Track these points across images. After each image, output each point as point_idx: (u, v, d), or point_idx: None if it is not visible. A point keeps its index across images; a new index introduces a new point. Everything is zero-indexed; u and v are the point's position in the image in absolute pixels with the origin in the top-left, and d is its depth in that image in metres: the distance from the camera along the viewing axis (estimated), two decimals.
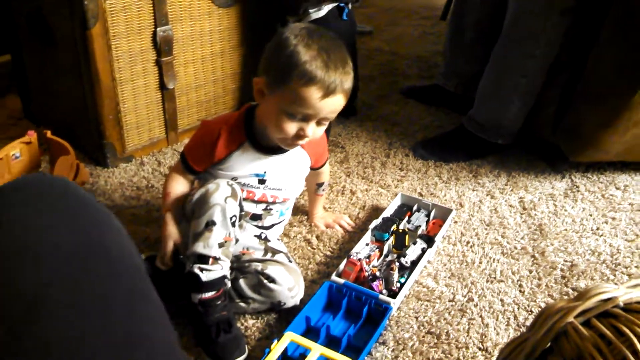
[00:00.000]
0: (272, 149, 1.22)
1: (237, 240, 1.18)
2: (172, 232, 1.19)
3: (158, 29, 1.60)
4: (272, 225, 1.30)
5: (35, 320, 0.51)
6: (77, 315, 0.53)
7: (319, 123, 1.14)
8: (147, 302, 0.60)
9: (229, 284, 1.16)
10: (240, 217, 1.18)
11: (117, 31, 1.53)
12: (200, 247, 1.10)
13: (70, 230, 0.58)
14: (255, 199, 1.24)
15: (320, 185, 1.43)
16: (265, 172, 1.22)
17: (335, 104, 1.12)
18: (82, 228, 0.60)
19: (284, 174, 1.25)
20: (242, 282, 1.19)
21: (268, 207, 1.26)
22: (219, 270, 1.12)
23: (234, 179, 1.20)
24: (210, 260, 1.11)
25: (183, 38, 1.69)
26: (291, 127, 1.12)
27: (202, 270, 1.10)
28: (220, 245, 1.11)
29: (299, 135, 1.13)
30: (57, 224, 0.58)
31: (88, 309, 0.54)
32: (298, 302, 1.21)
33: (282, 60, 1.10)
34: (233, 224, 1.12)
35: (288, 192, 1.28)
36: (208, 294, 1.11)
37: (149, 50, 1.62)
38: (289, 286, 1.19)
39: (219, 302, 1.12)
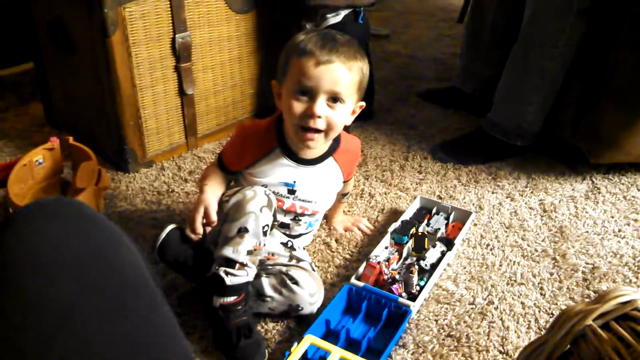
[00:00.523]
0: (303, 159, 1.22)
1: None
2: (205, 198, 1.20)
3: (177, 35, 1.62)
4: (300, 235, 1.31)
5: (67, 325, 0.54)
6: (103, 322, 0.56)
7: (330, 104, 1.13)
8: (161, 314, 0.63)
9: (250, 289, 1.17)
10: (272, 227, 1.19)
11: (136, 38, 1.55)
12: (229, 252, 1.11)
13: (87, 248, 0.62)
14: (284, 208, 1.24)
15: (345, 195, 1.44)
16: (295, 182, 1.23)
17: (334, 74, 1.10)
18: (97, 246, 0.63)
19: (315, 186, 1.26)
20: (264, 279, 1.19)
21: (297, 218, 1.26)
22: (244, 276, 1.12)
23: (264, 186, 1.20)
24: (237, 265, 1.11)
25: (201, 44, 1.71)
26: (298, 106, 1.13)
27: (227, 274, 1.11)
28: (249, 252, 1.12)
29: (308, 114, 1.12)
30: (75, 242, 0.61)
31: (111, 317, 0.57)
32: (315, 311, 1.20)
33: (286, 52, 1.15)
34: (265, 233, 1.13)
35: (318, 205, 1.29)
36: (230, 299, 1.12)
37: (168, 57, 1.64)
38: (311, 292, 1.19)
39: (240, 307, 1.13)
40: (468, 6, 2.15)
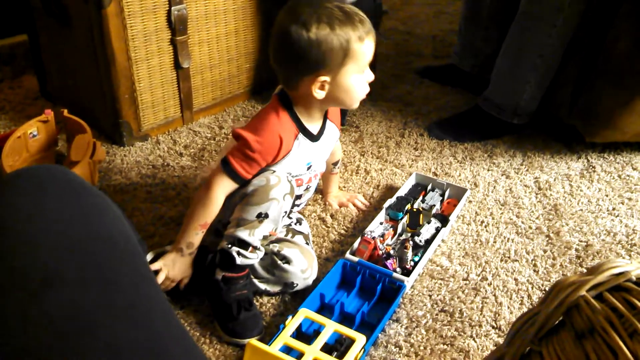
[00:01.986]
0: (316, 135, 1.23)
1: None
2: (186, 270, 1.17)
3: (173, 7, 1.60)
4: (305, 200, 1.33)
5: (49, 290, 0.54)
6: (87, 286, 0.56)
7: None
8: (149, 284, 0.63)
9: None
10: (289, 212, 1.21)
11: (131, 10, 1.53)
12: (245, 234, 1.12)
13: (75, 217, 0.61)
14: (304, 184, 1.26)
15: (335, 164, 1.44)
16: (312, 159, 1.24)
17: (371, 41, 1.16)
18: (84, 213, 0.63)
19: (325, 153, 1.29)
20: (255, 263, 1.20)
21: (308, 186, 1.28)
22: (254, 258, 1.14)
23: (288, 173, 1.18)
24: (250, 248, 1.13)
25: (197, 17, 1.69)
26: (365, 84, 1.18)
27: (239, 254, 1.12)
28: (264, 237, 1.14)
29: (368, 85, 1.20)
30: (62, 210, 0.61)
31: (96, 284, 0.57)
32: (310, 283, 1.22)
33: (326, 49, 1.09)
34: (281, 220, 1.15)
35: (323, 166, 1.32)
36: (234, 273, 1.13)
37: (163, 30, 1.62)
38: (302, 268, 1.20)
39: (242, 280, 1.15)
40: None
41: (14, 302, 0.53)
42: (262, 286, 1.20)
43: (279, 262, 1.18)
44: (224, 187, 1.14)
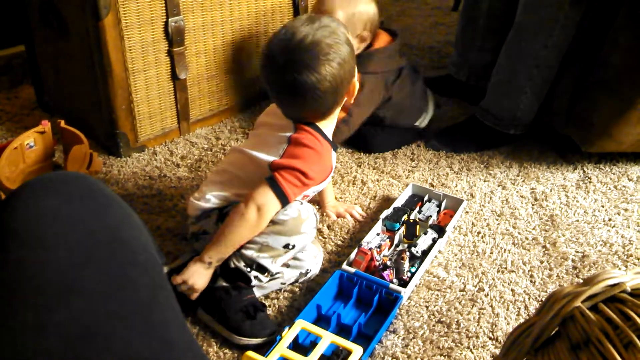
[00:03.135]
0: (335, 144, 1.26)
1: None
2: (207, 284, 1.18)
3: (170, 19, 1.61)
4: None
5: (65, 300, 0.54)
6: (103, 296, 0.56)
7: None
8: (165, 294, 0.63)
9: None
10: None
11: (129, 21, 1.54)
12: (267, 262, 1.15)
13: (97, 223, 0.62)
14: (321, 189, 1.32)
15: None
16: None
17: None
18: (106, 223, 0.63)
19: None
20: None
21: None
22: (266, 281, 1.18)
23: (315, 190, 1.26)
24: (267, 273, 1.16)
25: (195, 28, 1.69)
26: None
27: (256, 278, 1.15)
28: (285, 265, 1.19)
29: None
30: (84, 218, 0.61)
31: (112, 291, 0.57)
32: (318, 271, 1.28)
33: (345, 64, 1.13)
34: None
35: None
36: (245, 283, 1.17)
37: (161, 41, 1.63)
38: (314, 254, 1.27)
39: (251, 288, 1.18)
40: None
41: (30, 313, 0.53)
42: (279, 282, 1.23)
43: None
44: (274, 210, 1.13)
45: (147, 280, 0.61)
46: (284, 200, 1.13)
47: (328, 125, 1.21)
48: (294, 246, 1.15)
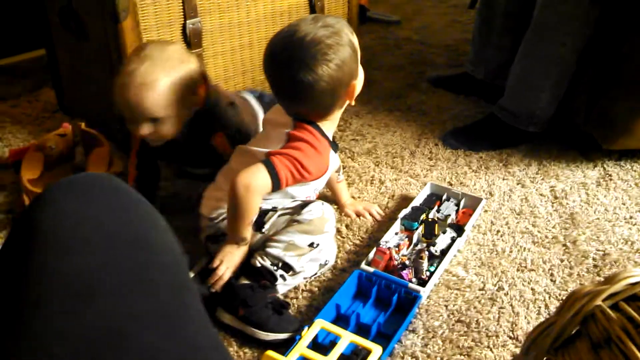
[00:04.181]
0: (337, 145, 1.28)
1: None
2: (242, 253, 1.21)
3: (187, 21, 1.62)
4: None
5: (87, 302, 0.54)
6: (126, 298, 0.56)
7: None
8: (189, 294, 0.63)
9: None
10: None
11: (147, 24, 1.55)
12: (293, 260, 1.18)
13: (121, 224, 0.62)
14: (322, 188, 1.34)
15: (337, 171, 1.45)
16: (332, 169, 1.29)
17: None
18: (130, 224, 0.63)
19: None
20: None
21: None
22: (289, 280, 1.21)
23: (316, 189, 1.29)
24: (291, 272, 1.19)
25: (212, 30, 1.70)
26: None
27: (282, 277, 1.18)
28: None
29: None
30: (108, 219, 0.61)
31: (136, 293, 0.57)
32: (334, 260, 1.31)
33: (345, 64, 1.13)
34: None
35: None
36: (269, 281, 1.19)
37: (178, 43, 1.64)
38: (330, 244, 1.28)
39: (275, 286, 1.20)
40: None
41: (51, 315, 0.53)
42: (302, 276, 1.24)
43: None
44: (262, 191, 1.13)
45: (171, 281, 0.61)
46: (276, 182, 1.12)
47: (328, 125, 1.22)
48: (318, 245, 1.18)
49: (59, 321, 0.53)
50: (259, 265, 1.17)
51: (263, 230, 1.22)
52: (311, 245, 1.18)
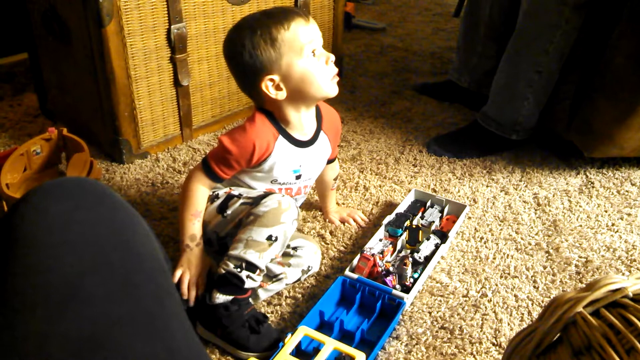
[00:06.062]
0: (304, 142, 1.24)
1: None
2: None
3: (172, 26, 1.62)
4: None
5: (70, 307, 0.54)
6: (109, 303, 0.56)
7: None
8: (172, 300, 0.63)
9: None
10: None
11: (131, 29, 1.54)
12: (254, 257, 1.12)
13: (106, 229, 0.61)
14: (293, 194, 1.28)
15: (335, 179, 1.45)
16: (300, 167, 1.25)
17: (300, 24, 1.14)
18: (114, 229, 0.63)
19: (315, 165, 1.29)
20: (269, 264, 1.19)
21: (296, 198, 1.30)
22: (259, 281, 1.16)
23: (274, 180, 1.24)
24: (258, 271, 1.14)
25: (197, 35, 1.70)
26: (323, 66, 1.16)
27: (248, 277, 1.13)
28: (271, 260, 1.15)
29: (328, 64, 1.17)
30: (92, 224, 0.61)
31: (119, 298, 0.57)
32: (318, 267, 1.30)
33: (265, 47, 1.13)
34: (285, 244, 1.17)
35: (313, 180, 1.34)
36: (242, 295, 1.14)
37: (163, 48, 1.63)
38: (313, 250, 1.27)
39: (249, 298, 1.17)
40: (464, 0, 2.15)
41: (35, 321, 0.53)
42: (284, 282, 1.23)
43: (292, 252, 1.23)
44: (201, 182, 1.20)
45: (153, 287, 0.60)
46: (211, 174, 1.19)
47: (284, 121, 1.21)
48: (276, 238, 1.12)
49: (38, 324, 0.52)
50: (223, 272, 1.14)
51: (225, 214, 1.20)
52: (269, 238, 1.12)
